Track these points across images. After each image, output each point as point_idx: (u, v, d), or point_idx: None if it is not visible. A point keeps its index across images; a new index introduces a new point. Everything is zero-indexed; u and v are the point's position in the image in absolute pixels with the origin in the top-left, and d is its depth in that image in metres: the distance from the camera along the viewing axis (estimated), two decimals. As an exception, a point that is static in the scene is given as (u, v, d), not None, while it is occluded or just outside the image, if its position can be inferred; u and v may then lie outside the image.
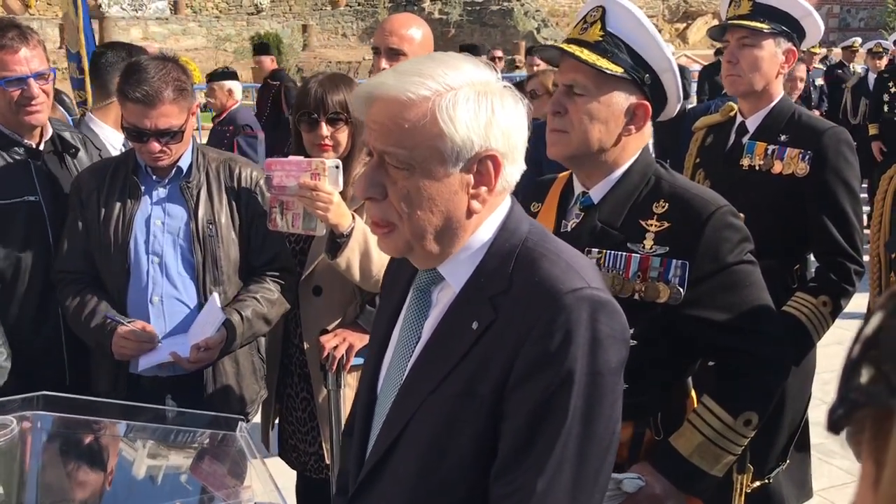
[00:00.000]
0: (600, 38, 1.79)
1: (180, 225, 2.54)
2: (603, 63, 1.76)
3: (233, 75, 7.25)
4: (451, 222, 1.28)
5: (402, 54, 3.00)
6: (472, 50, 8.29)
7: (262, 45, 10.26)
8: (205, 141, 7.62)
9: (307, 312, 2.70)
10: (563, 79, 1.82)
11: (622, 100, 1.80)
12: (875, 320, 0.51)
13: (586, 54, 1.77)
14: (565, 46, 1.81)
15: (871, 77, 9.74)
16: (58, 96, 4.78)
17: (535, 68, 7.14)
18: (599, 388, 1.22)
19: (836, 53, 12.91)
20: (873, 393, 0.50)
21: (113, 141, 3.32)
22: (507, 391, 1.22)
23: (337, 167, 2.34)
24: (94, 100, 3.51)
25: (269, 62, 9.08)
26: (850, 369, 0.52)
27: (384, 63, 3.01)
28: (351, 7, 21.86)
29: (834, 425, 0.53)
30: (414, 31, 3.03)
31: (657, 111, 1.87)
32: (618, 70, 1.77)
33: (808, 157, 2.65)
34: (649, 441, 1.90)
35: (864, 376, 0.51)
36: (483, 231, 1.32)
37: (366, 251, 2.42)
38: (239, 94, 7.08)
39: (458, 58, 1.30)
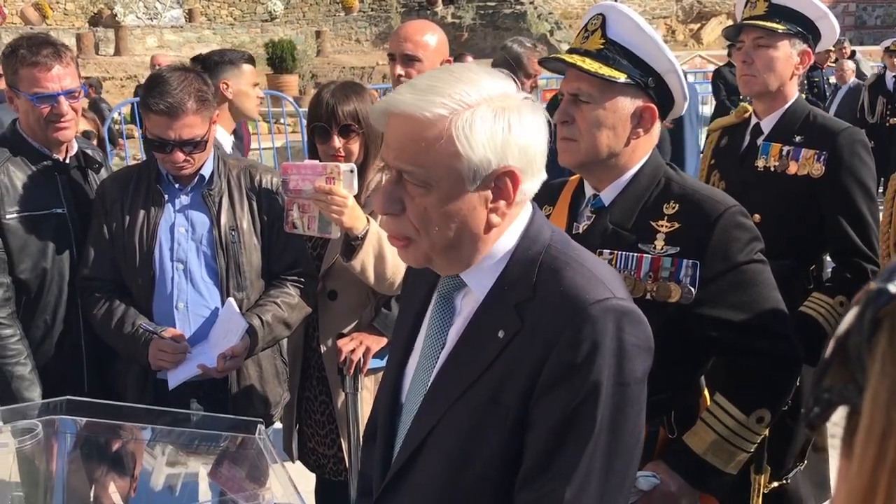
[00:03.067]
0: (602, 46, 1.81)
1: (203, 232, 2.58)
2: (605, 71, 1.78)
3: None
4: (469, 237, 1.28)
5: (418, 60, 3.02)
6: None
7: None
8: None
9: (323, 317, 2.73)
10: (568, 88, 1.84)
11: (628, 104, 1.82)
12: (846, 321, 0.53)
13: (588, 63, 1.79)
14: (567, 58, 1.83)
15: (889, 75, 9.64)
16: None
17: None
18: (626, 398, 1.23)
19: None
20: (844, 392, 0.52)
21: (223, 141, 3.38)
22: (533, 401, 1.23)
23: (352, 171, 2.37)
24: None
25: None
26: (824, 369, 0.54)
27: (399, 69, 3.04)
28: (364, 13, 21.91)
29: (811, 423, 0.54)
30: (429, 37, 3.06)
31: (665, 111, 1.89)
32: (620, 76, 1.79)
33: (823, 157, 2.65)
34: (663, 439, 1.92)
35: (836, 376, 0.53)
36: (505, 239, 1.32)
37: (380, 254, 2.45)
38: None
39: (475, 71, 1.29)
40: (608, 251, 1.87)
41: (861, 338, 0.51)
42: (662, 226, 1.84)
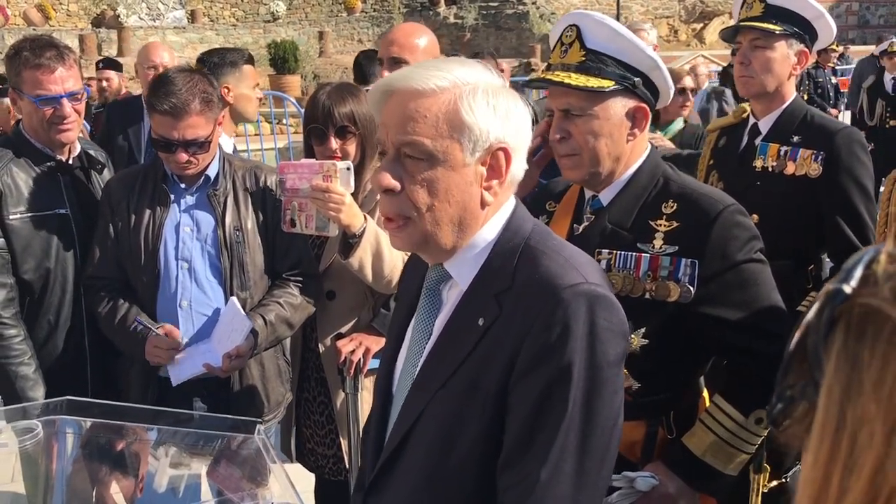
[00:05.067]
0: (583, 58, 1.81)
1: (208, 232, 2.60)
2: (593, 83, 1.79)
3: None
4: (466, 213, 1.32)
5: (405, 63, 3.03)
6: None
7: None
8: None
9: (322, 317, 2.74)
10: (558, 104, 1.85)
11: (619, 108, 1.83)
12: (805, 320, 0.55)
13: (574, 78, 1.79)
14: (553, 76, 1.83)
15: (888, 77, 9.60)
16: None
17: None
18: (599, 380, 1.26)
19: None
20: (804, 390, 0.54)
21: (224, 144, 3.41)
22: (511, 385, 1.27)
23: (348, 169, 2.40)
24: None
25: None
26: (786, 366, 0.55)
27: (387, 73, 3.05)
28: (366, 13, 21.93)
29: (774, 420, 0.56)
30: (416, 39, 3.06)
31: (653, 105, 1.90)
32: (608, 84, 1.79)
33: (820, 157, 2.66)
34: (662, 440, 1.92)
35: (797, 373, 0.55)
36: (488, 230, 1.36)
37: (378, 251, 2.46)
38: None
39: (470, 61, 1.37)
40: (607, 251, 1.87)
41: (818, 336, 0.53)
42: (661, 225, 1.84)
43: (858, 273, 0.54)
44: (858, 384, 0.51)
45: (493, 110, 1.30)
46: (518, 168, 1.35)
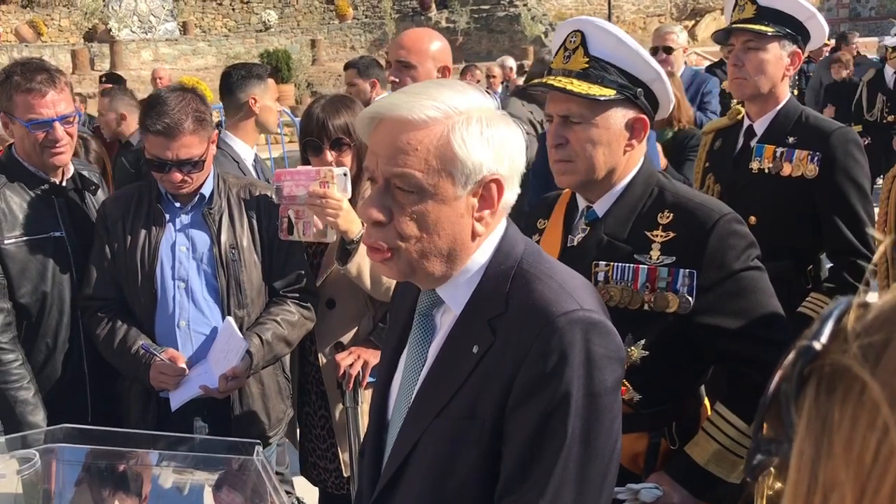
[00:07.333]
0: (586, 65, 1.80)
1: (204, 250, 2.60)
2: (595, 91, 1.77)
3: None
4: (456, 245, 1.29)
5: (411, 67, 3.04)
6: None
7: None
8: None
9: (321, 326, 2.74)
10: (557, 110, 1.83)
11: (619, 118, 1.81)
12: (778, 374, 0.54)
13: (577, 85, 1.78)
14: (555, 82, 1.81)
15: (889, 72, 9.57)
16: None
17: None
18: (597, 407, 1.24)
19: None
20: (780, 448, 0.53)
21: (245, 155, 3.51)
22: (507, 413, 1.25)
23: (345, 174, 2.41)
24: (226, 116, 3.77)
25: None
26: (760, 420, 0.55)
27: (392, 76, 3.08)
28: (358, 20, 21.93)
29: (752, 472, 0.55)
30: (426, 44, 3.08)
31: (651, 117, 1.88)
32: (610, 93, 1.78)
33: (816, 158, 2.65)
34: (665, 450, 1.91)
35: (772, 429, 0.54)
36: (479, 254, 1.33)
37: None
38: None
39: (459, 84, 1.33)
40: (604, 263, 1.86)
41: (789, 395, 0.52)
42: (657, 235, 1.83)
43: (828, 329, 0.52)
44: (829, 446, 0.50)
45: (487, 142, 1.25)
46: (511, 195, 1.33)
